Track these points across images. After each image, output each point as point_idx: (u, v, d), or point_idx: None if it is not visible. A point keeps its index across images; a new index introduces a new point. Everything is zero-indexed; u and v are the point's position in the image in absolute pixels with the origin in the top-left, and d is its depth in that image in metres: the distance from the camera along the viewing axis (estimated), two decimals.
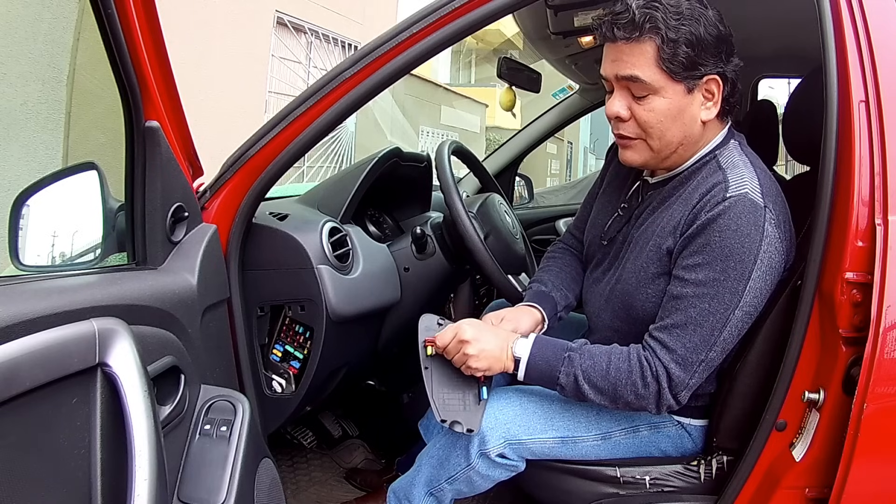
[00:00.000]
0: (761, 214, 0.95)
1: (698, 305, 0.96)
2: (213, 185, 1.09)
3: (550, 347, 1.04)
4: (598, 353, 1.02)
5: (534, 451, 1.12)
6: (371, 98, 1.08)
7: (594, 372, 1.00)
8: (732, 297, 0.95)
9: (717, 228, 0.95)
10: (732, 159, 1.03)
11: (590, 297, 1.21)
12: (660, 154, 1.04)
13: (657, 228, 1.05)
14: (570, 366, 1.01)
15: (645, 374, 0.98)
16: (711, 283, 0.95)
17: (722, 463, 1.10)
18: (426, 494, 1.17)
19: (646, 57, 0.96)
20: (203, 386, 0.91)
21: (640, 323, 1.07)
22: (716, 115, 1.02)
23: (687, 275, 0.98)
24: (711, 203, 0.97)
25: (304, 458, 1.79)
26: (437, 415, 1.04)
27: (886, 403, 0.87)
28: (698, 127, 1.02)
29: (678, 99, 0.98)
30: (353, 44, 8.16)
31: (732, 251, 0.94)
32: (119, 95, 0.87)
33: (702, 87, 0.99)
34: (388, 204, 1.68)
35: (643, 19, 0.94)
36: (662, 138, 1.01)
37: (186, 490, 0.82)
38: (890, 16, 0.95)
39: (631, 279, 1.07)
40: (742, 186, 0.97)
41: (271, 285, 1.23)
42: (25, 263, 0.82)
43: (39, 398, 0.59)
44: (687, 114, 1.00)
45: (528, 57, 2.14)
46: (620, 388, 0.99)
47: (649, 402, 0.99)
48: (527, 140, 2.35)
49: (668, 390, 0.98)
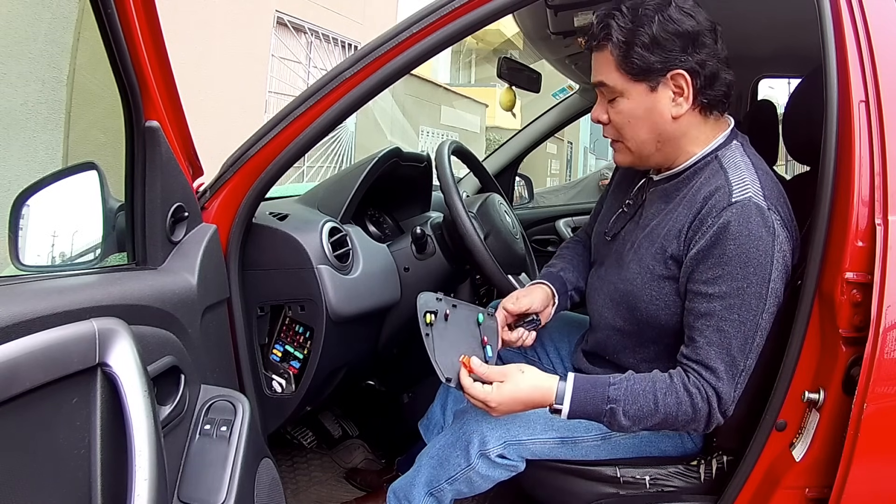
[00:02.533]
0: (768, 217, 0.95)
1: (728, 318, 0.95)
2: (213, 185, 1.09)
3: (590, 400, 0.98)
4: (641, 393, 0.97)
5: (534, 451, 1.12)
6: (371, 98, 1.08)
7: (643, 414, 0.97)
8: (759, 302, 0.95)
9: (729, 237, 0.95)
10: (734, 160, 1.02)
11: (592, 294, 1.20)
12: (640, 153, 1.06)
13: (662, 231, 1.04)
14: (613, 417, 0.97)
15: (695, 401, 0.96)
16: (737, 292, 0.95)
17: (722, 463, 1.10)
18: (426, 494, 1.17)
19: (608, 63, 1.01)
20: (203, 386, 0.91)
21: (644, 324, 1.07)
22: (694, 109, 1.01)
23: (710, 289, 0.96)
24: (717, 209, 0.97)
25: (304, 458, 1.79)
26: (440, 375, 1.02)
27: (886, 403, 0.87)
28: (671, 124, 1.02)
29: (642, 99, 1.01)
30: (353, 44, 8.16)
31: (750, 257, 0.94)
32: (119, 95, 0.87)
33: (668, 83, 1.00)
34: (388, 204, 1.67)
35: (600, 28, 1.01)
36: (635, 138, 1.04)
37: (186, 490, 0.82)
38: (890, 16, 0.95)
39: (636, 280, 1.06)
40: (745, 191, 0.97)
41: (271, 285, 1.23)
42: (25, 263, 0.82)
43: (39, 398, 0.59)
44: (655, 112, 1.01)
45: (528, 57, 2.13)
46: (671, 420, 0.98)
47: (700, 424, 0.98)
48: (527, 140, 2.34)
49: (717, 409, 0.97)
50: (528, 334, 1.19)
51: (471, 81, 16.71)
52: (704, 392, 0.96)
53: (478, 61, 16.90)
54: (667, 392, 0.97)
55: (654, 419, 0.97)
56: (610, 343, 1.16)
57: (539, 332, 1.43)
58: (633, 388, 0.98)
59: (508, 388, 0.99)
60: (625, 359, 1.14)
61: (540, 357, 1.39)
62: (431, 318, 1.06)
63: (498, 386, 0.99)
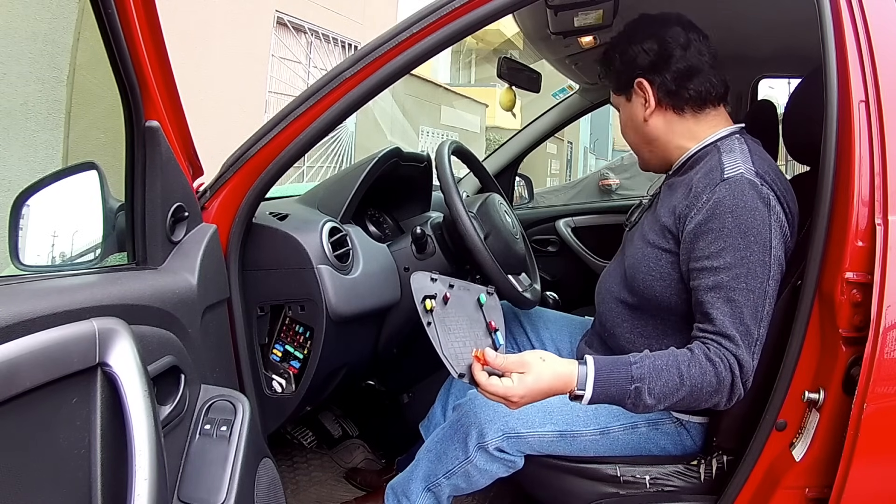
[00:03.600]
0: (761, 189, 0.99)
1: (737, 287, 0.97)
2: (213, 185, 1.09)
3: (614, 381, 0.95)
4: (664, 368, 0.95)
5: (532, 445, 1.12)
6: (371, 98, 1.08)
7: (668, 390, 0.95)
8: (763, 268, 0.97)
9: (726, 210, 0.98)
10: (731, 146, 1.08)
11: (605, 275, 1.26)
12: (640, 156, 1.23)
13: (662, 209, 1.10)
14: (638, 397, 0.95)
15: (718, 370, 0.95)
16: (741, 262, 0.97)
17: (722, 463, 1.10)
18: (424, 490, 1.17)
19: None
20: (203, 386, 0.91)
21: (641, 297, 1.11)
22: (664, 109, 1.13)
23: (715, 262, 0.98)
24: (710, 186, 1.01)
25: (304, 458, 1.79)
26: (452, 371, 0.94)
27: (886, 403, 0.87)
28: (644, 126, 1.16)
29: (624, 109, 1.19)
30: (353, 44, 8.15)
31: (749, 226, 0.97)
32: (119, 95, 0.87)
33: (637, 91, 1.14)
34: (388, 204, 1.67)
35: (603, 57, 1.20)
36: (631, 143, 1.22)
37: (186, 490, 0.82)
38: (890, 16, 0.95)
39: (637, 253, 1.12)
40: (736, 168, 1.02)
41: (271, 285, 1.23)
42: (25, 263, 0.82)
43: (39, 398, 0.59)
44: (634, 118, 1.17)
45: (528, 57, 2.13)
46: (696, 394, 0.96)
47: (723, 395, 0.96)
48: (527, 140, 2.34)
49: (739, 378, 0.96)
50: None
51: (471, 81, 16.70)
52: (726, 360, 0.96)
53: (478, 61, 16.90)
54: (690, 364, 0.95)
55: (680, 394, 0.95)
56: (609, 317, 1.19)
57: (539, 331, 1.44)
58: (656, 365, 0.95)
59: (531, 379, 0.92)
60: (620, 332, 1.17)
61: None
62: (431, 303, 0.98)
63: (520, 378, 0.92)
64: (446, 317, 0.99)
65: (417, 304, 0.98)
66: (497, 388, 0.92)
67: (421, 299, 0.98)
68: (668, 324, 1.12)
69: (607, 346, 1.21)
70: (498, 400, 0.94)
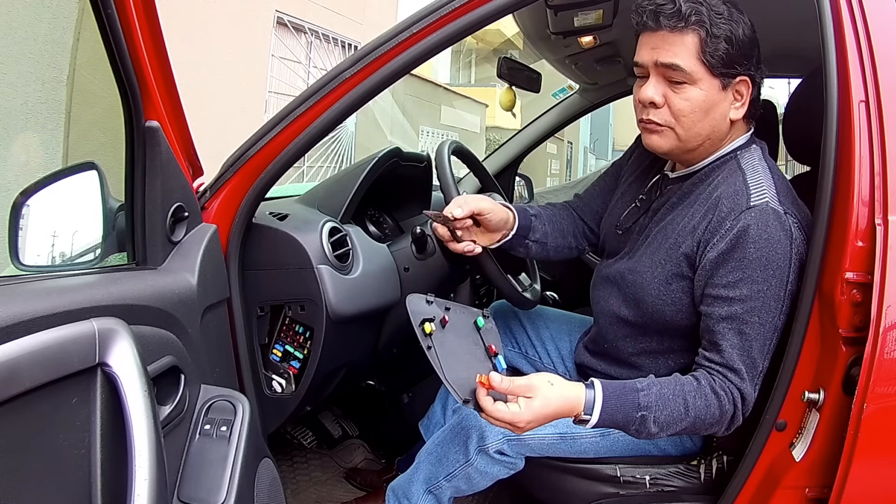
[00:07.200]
0: (785, 221, 0.97)
1: (750, 321, 0.96)
2: (213, 185, 1.09)
3: (620, 408, 0.95)
4: (671, 397, 0.96)
5: (532, 447, 1.12)
6: (371, 98, 1.08)
7: (672, 420, 0.96)
8: (777, 303, 0.96)
9: (749, 241, 0.96)
10: (753, 163, 1.04)
11: (599, 283, 1.20)
12: (685, 145, 1.04)
13: (677, 227, 1.05)
14: (643, 424, 0.95)
15: (722, 403, 0.96)
16: (757, 295, 0.96)
17: (722, 463, 1.10)
18: (425, 492, 1.17)
19: (687, 47, 0.98)
20: (203, 386, 0.91)
21: (648, 317, 1.08)
22: (744, 117, 1.05)
23: (731, 293, 0.97)
24: (735, 212, 0.98)
25: (304, 458, 1.79)
26: (456, 397, 0.92)
27: (886, 403, 0.87)
28: (726, 124, 1.04)
29: (713, 93, 1.00)
30: (353, 44, 8.15)
31: (770, 260, 0.95)
32: (119, 95, 0.87)
33: (734, 86, 1.01)
34: (388, 204, 1.67)
35: (689, 12, 0.97)
36: (692, 129, 1.02)
37: (186, 490, 0.82)
38: (890, 16, 0.95)
39: (646, 273, 1.07)
40: (762, 195, 0.98)
41: (271, 285, 1.23)
42: (25, 263, 0.82)
43: (39, 398, 0.59)
44: (718, 109, 1.02)
45: (528, 57, 2.13)
46: (698, 424, 0.97)
47: (723, 426, 0.98)
48: (527, 140, 2.34)
49: (740, 410, 0.97)
50: (476, 246, 1.14)
51: (471, 81, 16.70)
52: (731, 394, 0.96)
53: (478, 61, 16.90)
54: (696, 395, 0.96)
55: (683, 423, 0.96)
56: (611, 331, 1.16)
57: (539, 330, 1.43)
58: (663, 394, 0.95)
59: (538, 404, 0.90)
60: (623, 348, 1.15)
61: (540, 356, 1.39)
62: (430, 326, 0.96)
63: (526, 403, 0.90)
64: (445, 340, 0.98)
65: (415, 327, 0.97)
66: (503, 415, 0.90)
67: (419, 322, 0.97)
68: (674, 342, 1.10)
69: (609, 355, 1.19)
70: (502, 426, 0.92)
